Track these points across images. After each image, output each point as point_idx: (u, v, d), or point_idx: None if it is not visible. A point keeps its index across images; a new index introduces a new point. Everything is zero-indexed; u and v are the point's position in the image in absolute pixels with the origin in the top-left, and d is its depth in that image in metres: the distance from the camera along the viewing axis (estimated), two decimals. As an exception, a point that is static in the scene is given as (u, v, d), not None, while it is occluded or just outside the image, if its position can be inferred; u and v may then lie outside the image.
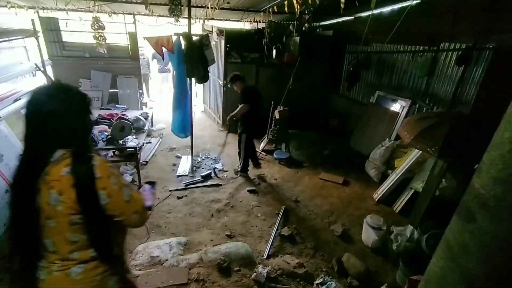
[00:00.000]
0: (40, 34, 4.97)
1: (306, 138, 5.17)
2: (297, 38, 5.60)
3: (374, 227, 2.82)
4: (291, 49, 5.64)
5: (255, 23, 6.82)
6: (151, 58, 7.96)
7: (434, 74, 4.04)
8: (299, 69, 4.83)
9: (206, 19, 6.12)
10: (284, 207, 3.48)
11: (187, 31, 3.68)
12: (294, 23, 5.02)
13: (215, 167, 4.42)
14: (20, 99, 3.48)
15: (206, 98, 7.31)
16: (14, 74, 4.72)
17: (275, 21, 5.50)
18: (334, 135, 5.69)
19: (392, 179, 3.68)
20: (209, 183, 4.00)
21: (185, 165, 4.42)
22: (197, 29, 6.57)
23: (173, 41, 3.67)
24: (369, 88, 5.48)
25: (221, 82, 5.73)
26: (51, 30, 6.00)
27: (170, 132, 4.43)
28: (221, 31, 5.52)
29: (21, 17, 5.53)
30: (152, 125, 5.68)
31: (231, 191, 3.86)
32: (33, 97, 1.03)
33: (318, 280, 2.43)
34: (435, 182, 2.78)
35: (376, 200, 3.72)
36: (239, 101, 3.88)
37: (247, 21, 6.79)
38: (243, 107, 3.76)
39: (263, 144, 5.11)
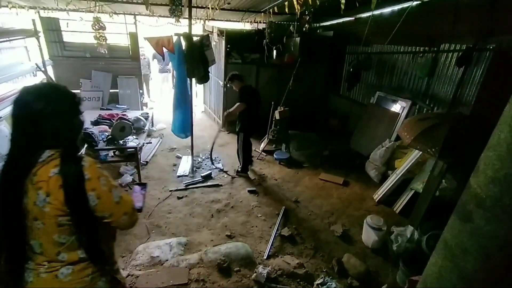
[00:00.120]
0: (41, 34, 5.00)
1: (306, 139, 5.17)
2: (298, 39, 5.61)
3: (374, 227, 2.82)
4: (291, 49, 5.64)
5: (256, 23, 6.84)
6: (151, 59, 7.97)
7: (434, 75, 4.04)
8: (300, 69, 4.84)
9: (206, 19, 6.14)
10: (284, 207, 3.48)
11: (188, 32, 3.69)
12: (294, 23, 5.02)
13: (216, 167, 4.42)
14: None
15: (207, 98, 7.31)
16: (15, 74, 4.72)
17: (275, 22, 5.51)
18: (334, 135, 5.69)
19: (392, 179, 3.68)
20: (209, 183, 4.00)
21: (185, 165, 4.43)
22: (197, 29, 6.58)
23: (173, 41, 3.68)
24: (369, 89, 5.49)
25: (221, 83, 5.74)
26: (52, 30, 6.01)
27: (171, 132, 4.44)
28: (221, 32, 5.52)
29: (22, 17, 5.56)
30: (152, 125, 5.69)
31: (231, 191, 3.86)
32: (21, 96, 1.01)
33: (318, 281, 2.43)
34: (435, 183, 2.78)
35: (376, 200, 3.72)
36: (237, 100, 3.90)
37: (247, 21, 6.81)
38: (240, 105, 3.77)
39: (263, 145, 5.11)
